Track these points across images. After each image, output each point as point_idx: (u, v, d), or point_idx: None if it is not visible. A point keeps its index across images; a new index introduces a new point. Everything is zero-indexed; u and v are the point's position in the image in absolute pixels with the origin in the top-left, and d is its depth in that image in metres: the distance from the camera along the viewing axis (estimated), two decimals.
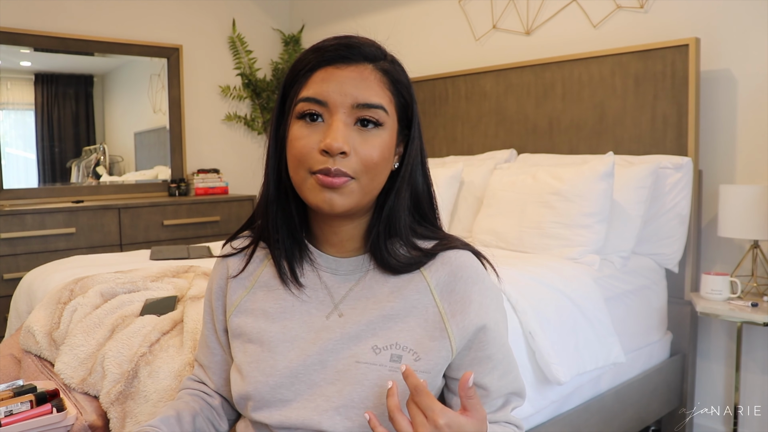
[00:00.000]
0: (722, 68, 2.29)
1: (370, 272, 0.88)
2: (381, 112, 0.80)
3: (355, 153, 0.78)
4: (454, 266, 0.86)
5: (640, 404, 2.11)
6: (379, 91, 0.80)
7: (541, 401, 1.67)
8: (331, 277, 0.88)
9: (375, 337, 0.83)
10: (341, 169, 0.77)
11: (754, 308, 2.03)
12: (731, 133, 2.29)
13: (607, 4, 2.59)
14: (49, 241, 2.89)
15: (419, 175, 0.88)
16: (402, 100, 0.84)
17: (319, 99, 0.79)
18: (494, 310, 0.87)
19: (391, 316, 0.84)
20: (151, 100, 3.61)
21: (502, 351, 0.89)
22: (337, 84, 0.79)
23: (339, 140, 0.76)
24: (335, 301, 0.87)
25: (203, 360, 1.00)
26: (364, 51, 0.81)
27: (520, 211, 2.23)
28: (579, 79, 2.56)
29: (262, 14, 4.02)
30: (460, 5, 3.14)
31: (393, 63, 0.84)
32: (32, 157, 3.25)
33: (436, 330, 0.84)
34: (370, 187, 0.81)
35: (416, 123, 0.87)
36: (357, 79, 0.79)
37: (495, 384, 0.89)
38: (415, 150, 0.87)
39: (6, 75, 3.14)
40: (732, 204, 2.11)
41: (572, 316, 1.76)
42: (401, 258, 0.85)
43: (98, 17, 3.35)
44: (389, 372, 0.81)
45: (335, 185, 0.78)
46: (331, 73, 0.79)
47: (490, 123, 2.90)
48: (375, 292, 0.86)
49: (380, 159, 0.80)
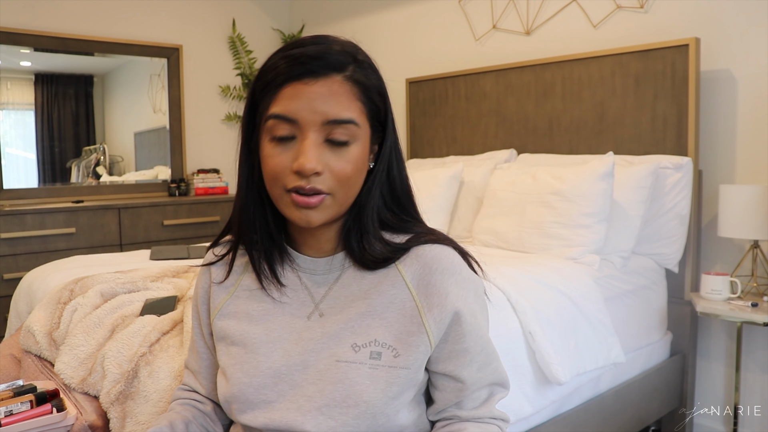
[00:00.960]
0: (722, 68, 2.29)
1: (347, 270, 0.88)
2: (352, 126, 0.79)
3: (328, 170, 0.79)
4: (428, 258, 0.85)
5: (640, 404, 2.11)
6: (349, 105, 0.79)
7: (541, 401, 1.67)
8: (311, 277, 0.89)
9: (354, 335, 0.84)
10: (316, 187, 0.78)
11: (754, 308, 2.03)
12: (731, 133, 2.29)
13: (607, 4, 2.59)
14: (49, 241, 2.89)
15: (395, 171, 0.88)
16: (373, 106, 0.83)
17: (289, 117, 0.78)
18: (472, 302, 0.87)
19: (369, 312, 0.85)
20: (151, 100, 3.61)
21: (479, 343, 0.88)
22: (307, 101, 0.77)
23: (312, 161, 0.77)
24: (315, 301, 0.88)
25: (193, 365, 1.01)
26: (332, 61, 0.78)
27: (520, 211, 2.23)
28: (579, 79, 2.56)
29: (262, 14, 4.02)
30: (460, 5, 3.14)
31: (362, 67, 0.82)
32: (32, 157, 3.25)
33: (413, 325, 0.83)
34: (345, 198, 0.82)
35: (390, 121, 0.87)
36: (326, 95, 0.78)
37: (474, 376, 0.88)
38: (389, 149, 0.87)
39: (6, 75, 3.14)
40: (732, 204, 2.11)
41: (572, 316, 1.76)
42: (375, 254, 0.85)
43: (98, 17, 3.35)
44: (369, 370, 0.82)
45: (311, 205, 0.79)
46: (300, 89, 0.78)
47: (490, 123, 2.90)
48: (353, 290, 0.87)
49: (354, 172, 0.81)
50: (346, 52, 0.81)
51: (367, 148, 0.83)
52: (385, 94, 0.86)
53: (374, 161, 0.87)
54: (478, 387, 0.89)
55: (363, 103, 0.81)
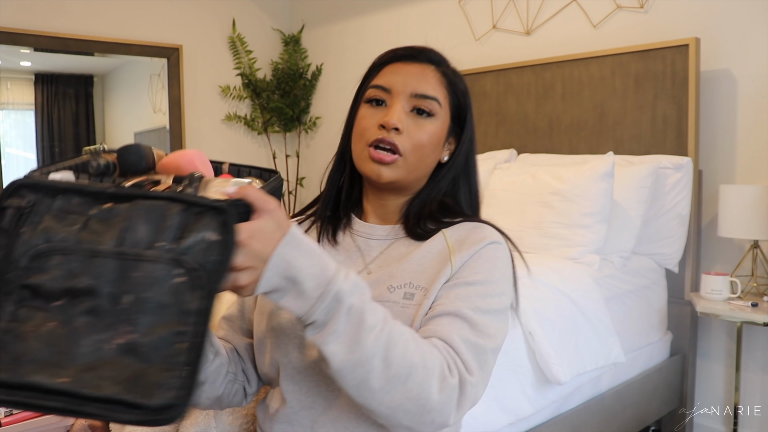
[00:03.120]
0: (722, 68, 2.29)
1: (401, 239, 0.95)
2: (434, 103, 0.93)
3: (407, 133, 0.91)
4: (472, 227, 0.93)
5: (640, 404, 2.11)
6: (436, 86, 0.93)
7: (541, 401, 1.67)
8: (366, 241, 0.97)
9: (392, 279, 0.89)
10: (394, 141, 0.90)
11: (754, 308, 2.03)
12: (731, 133, 2.29)
13: (607, 4, 2.59)
14: None
15: (471, 175, 0.99)
16: (456, 100, 0.96)
17: (385, 86, 0.93)
18: (501, 257, 0.89)
19: (409, 261, 0.90)
20: (151, 100, 3.61)
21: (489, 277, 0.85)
22: (402, 76, 0.93)
23: (395, 118, 0.90)
24: (366, 261, 0.95)
25: (232, 312, 1.01)
26: (431, 55, 0.96)
27: (520, 211, 2.23)
28: (579, 79, 2.56)
29: (262, 14, 4.02)
30: (460, 5, 3.14)
31: (454, 71, 0.98)
32: (32, 157, 3.25)
33: (442, 264, 0.88)
34: (415, 166, 0.92)
35: (469, 126, 0.98)
36: (419, 74, 0.93)
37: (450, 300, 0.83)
38: (464, 149, 0.98)
39: (6, 75, 3.14)
40: (732, 204, 2.11)
41: (572, 316, 1.76)
42: (427, 230, 0.93)
43: (98, 17, 3.35)
44: (401, 308, 0.86)
45: (384, 161, 0.90)
46: (399, 67, 0.94)
47: (490, 123, 2.90)
48: (401, 252, 0.94)
49: (428, 143, 0.92)
50: (444, 58, 0.99)
51: (444, 131, 0.95)
52: (469, 99, 0.99)
53: (449, 156, 0.98)
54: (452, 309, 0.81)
55: (448, 92, 0.95)
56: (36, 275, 0.59)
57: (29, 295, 0.58)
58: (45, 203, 0.62)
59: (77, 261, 0.59)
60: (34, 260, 0.59)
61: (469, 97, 0.99)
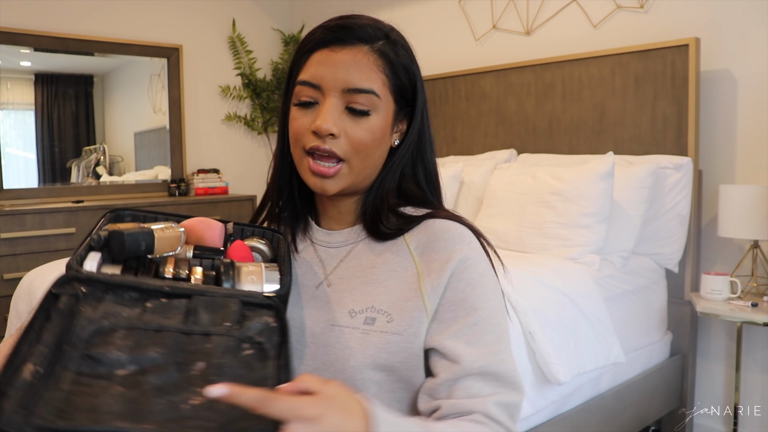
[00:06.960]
0: (722, 68, 2.29)
1: (360, 243, 0.89)
2: (372, 96, 0.82)
3: (345, 135, 0.82)
4: (435, 228, 0.85)
5: (640, 404, 2.11)
6: (371, 75, 0.82)
7: (541, 401, 1.67)
8: (326, 250, 0.91)
9: (354, 302, 0.84)
10: (331, 149, 0.81)
11: (754, 308, 2.03)
12: (731, 133, 2.29)
13: (607, 4, 2.59)
14: (49, 241, 2.88)
15: (428, 153, 0.91)
16: (398, 81, 0.85)
17: (313, 83, 0.82)
18: (480, 263, 0.83)
19: (372, 281, 0.85)
20: (151, 100, 3.61)
21: (481, 302, 0.81)
22: (330, 68, 0.81)
23: (328, 122, 0.80)
24: (326, 272, 0.89)
25: None
26: (361, 33, 0.83)
27: (520, 211, 2.23)
28: (579, 79, 2.56)
29: (262, 14, 4.02)
30: (460, 5, 3.14)
31: (392, 44, 0.86)
32: (32, 157, 3.25)
33: (411, 290, 0.82)
34: (361, 168, 0.84)
35: (420, 101, 0.88)
36: (350, 63, 0.81)
37: (467, 350, 0.77)
38: (416, 128, 0.89)
39: (6, 75, 3.14)
40: (732, 204, 2.11)
41: (572, 316, 1.76)
42: (390, 224, 0.87)
43: (98, 17, 3.35)
44: (361, 335, 0.80)
45: (327, 174, 0.82)
46: (327, 56, 0.82)
47: (490, 123, 2.90)
48: (362, 262, 0.87)
49: (370, 141, 0.83)
50: (379, 28, 0.86)
51: (388, 122, 0.85)
52: (415, 73, 0.88)
53: (401, 139, 0.89)
54: (472, 368, 0.77)
55: (387, 76, 0.84)
56: (99, 347, 0.57)
57: (92, 364, 0.56)
58: (97, 295, 0.63)
59: (143, 335, 0.59)
60: (97, 335, 0.58)
61: (415, 64, 0.88)
